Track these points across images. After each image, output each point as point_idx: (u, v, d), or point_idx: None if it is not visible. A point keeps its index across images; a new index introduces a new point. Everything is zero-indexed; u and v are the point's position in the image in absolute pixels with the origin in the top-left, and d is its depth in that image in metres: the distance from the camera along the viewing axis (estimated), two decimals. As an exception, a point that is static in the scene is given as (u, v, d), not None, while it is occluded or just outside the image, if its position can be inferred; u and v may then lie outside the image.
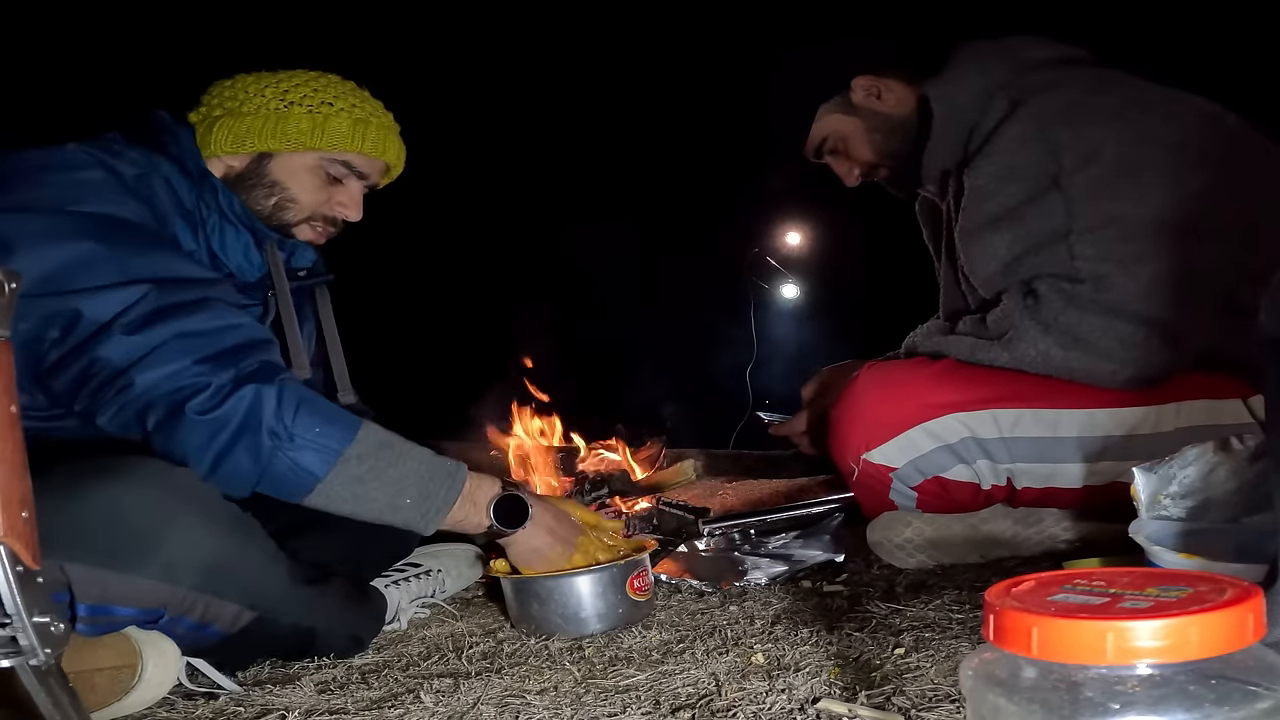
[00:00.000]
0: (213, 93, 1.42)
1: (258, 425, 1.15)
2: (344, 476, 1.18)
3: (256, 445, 1.15)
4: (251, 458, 1.15)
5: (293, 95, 1.38)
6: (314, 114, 1.38)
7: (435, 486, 1.24)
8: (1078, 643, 0.46)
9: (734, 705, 0.94)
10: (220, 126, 1.37)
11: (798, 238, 4.79)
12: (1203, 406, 1.48)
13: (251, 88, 1.39)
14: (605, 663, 1.14)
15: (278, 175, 1.39)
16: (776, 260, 4.61)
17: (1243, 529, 1.05)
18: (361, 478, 1.19)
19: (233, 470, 1.16)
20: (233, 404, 1.15)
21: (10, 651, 0.69)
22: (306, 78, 1.41)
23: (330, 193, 1.42)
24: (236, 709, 1.06)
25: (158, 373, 1.14)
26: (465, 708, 1.00)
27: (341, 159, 1.40)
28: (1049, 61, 1.59)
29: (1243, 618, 0.46)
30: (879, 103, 1.71)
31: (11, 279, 0.71)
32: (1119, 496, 1.16)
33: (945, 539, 1.53)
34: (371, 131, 1.41)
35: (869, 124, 1.72)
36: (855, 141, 1.73)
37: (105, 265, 1.17)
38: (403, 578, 1.48)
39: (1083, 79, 1.56)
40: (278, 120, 1.37)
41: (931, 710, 0.88)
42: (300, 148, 1.38)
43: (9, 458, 0.69)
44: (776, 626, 1.23)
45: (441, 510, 1.24)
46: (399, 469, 1.22)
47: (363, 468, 1.19)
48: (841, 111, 1.73)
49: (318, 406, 1.20)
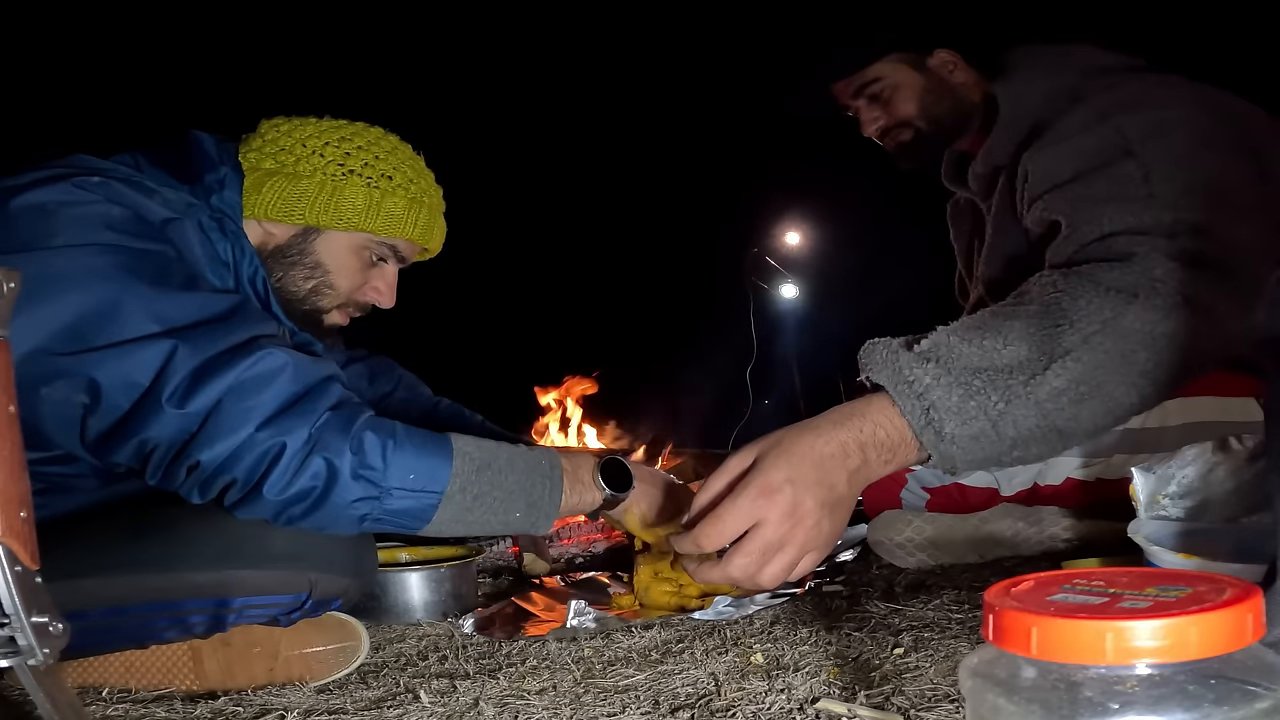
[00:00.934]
0: (266, 137, 1.27)
1: (343, 496, 1.06)
2: (449, 514, 1.12)
3: (346, 513, 1.07)
4: (347, 523, 1.09)
5: (353, 162, 1.26)
6: (372, 189, 1.25)
7: (539, 492, 1.17)
8: (1077, 643, 0.46)
9: (733, 705, 0.94)
10: (270, 188, 1.23)
11: (797, 238, 4.79)
12: (1210, 403, 1.47)
13: (310, 143, 1.26)
14: (604, 663, 1.14)
15: (322, 255, 1.27)
16: (776, 260, 4.61)
17: (1241, 529, 1.05)
18: (469, 507, 1.13)
19: (331, 529, 1.11)
20: (309, 480, 1.05)
21: (9, 651, 0.68)
22: (368, 140, 1.28)
23: (368, 276, 1.31)
24: (235, 709, 1.06)
25: (221, 448, 1.03)
26: (464, 708, 1.00)
27: (390, 243, 1.29)
28: (1113, 68, 1.57)
29: (1242, 618, 0.46)
30: (950, 75, 1.70)
31: (10, 278, 0.71)
32: (1121, 492, 1.16)
33: (945, 538, 1.53)
34: (423, 216, 1.30)
35: (929, 85, 1.70)
36: (905, 94, 1.70)
37: (124, 315, 1.03)
38: None
39: (1145, 80, 1.52)
40: (334, 192, 1.24)
41: (931, 710, 0.88)
42: (352, 227, 1.25)
43: (7, 458, 0.69)
44: (776, 626, 1.23)
45: (551, 512, 1.18)
46: (501, 488, 1.14)
47: (466, 498, 1.12)
48: (910, 65, 1.71)
49: (405, 443, 1.09)
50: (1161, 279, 1.09)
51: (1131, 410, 1.06)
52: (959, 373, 1.01)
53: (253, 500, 1.05)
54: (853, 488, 1.02)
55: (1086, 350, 1.02)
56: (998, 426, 1.00)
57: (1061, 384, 1.01)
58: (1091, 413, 1.03)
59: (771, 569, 0.98)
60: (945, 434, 1.00)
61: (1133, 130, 1.31)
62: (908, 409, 1.01)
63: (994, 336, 1.05)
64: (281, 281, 1.27)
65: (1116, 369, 1.03)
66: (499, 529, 1.17)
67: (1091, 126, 1.37)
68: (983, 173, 1.65)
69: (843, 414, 1.02)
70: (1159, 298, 1.07)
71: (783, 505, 0.96)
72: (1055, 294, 1.09)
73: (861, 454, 1.00)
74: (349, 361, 1.63)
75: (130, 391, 1.02)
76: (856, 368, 1.07)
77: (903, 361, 1.02)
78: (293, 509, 1.06)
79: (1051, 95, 1.50)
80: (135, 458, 1.05)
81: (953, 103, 1.68)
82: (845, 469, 0.99)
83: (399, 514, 1.09)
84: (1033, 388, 1.00)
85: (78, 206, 1.07)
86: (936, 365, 1.01)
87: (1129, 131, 1.31)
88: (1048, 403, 1.01)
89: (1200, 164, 1.25)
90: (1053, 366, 1.01)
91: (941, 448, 1.01)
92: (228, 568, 1.10)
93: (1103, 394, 1.03)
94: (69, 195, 1.08)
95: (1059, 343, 1.03)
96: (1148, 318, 1.06)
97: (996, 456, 1.03)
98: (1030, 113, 1.52)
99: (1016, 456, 1.04)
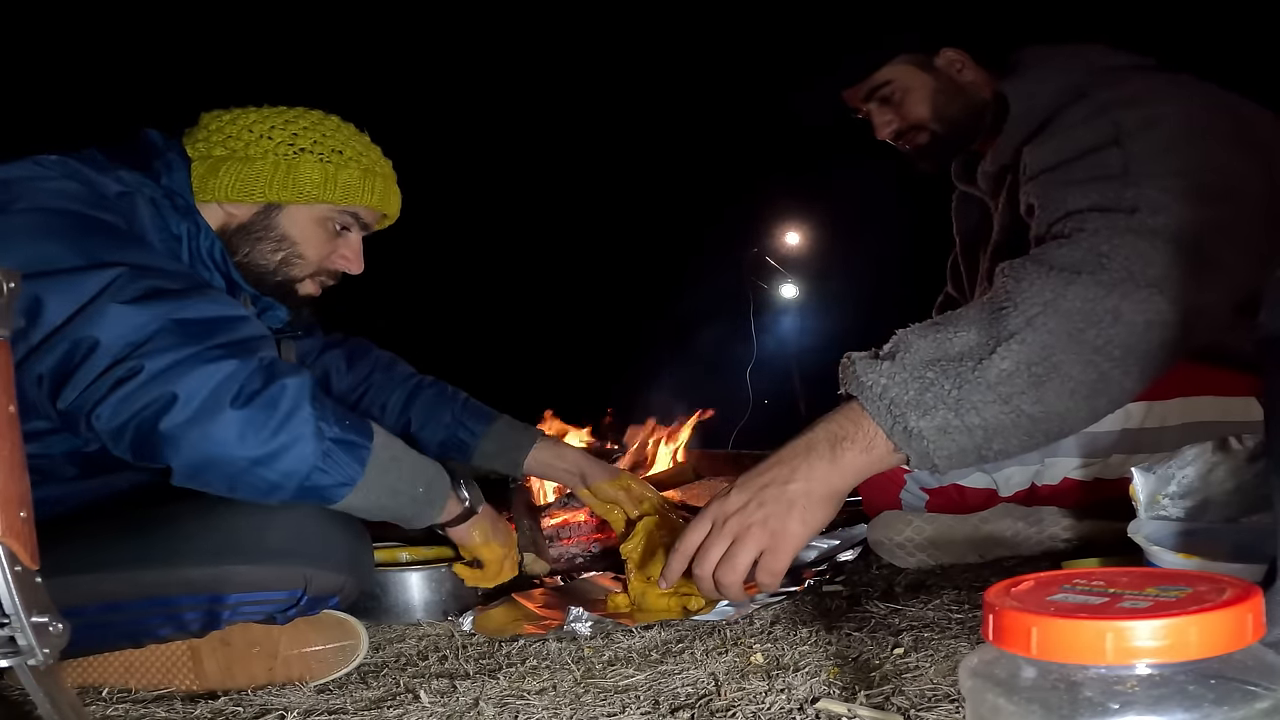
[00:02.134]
0: (210, 127, 1.32)
1: (305, 416, 1.06)
2: (377, 466, 1.14)
3: (309, 436, 1.06)
4: (307, 448, 1.06)
5: (303, 141, 1.30)
6: (325, 163, 1.30)
7: (434, 474, 1.24)
8: (1077, 643, 0.46)
9: (733, 705, 0.94)
10: (226, 171, 1.28)
11: (797, 238, 4.79)
12: (1209, 403, 1.47)
13: (256, 128, 1.30)
14: (604, 663, 1.14)
15: (287, 228, 1.31)
16: (776, 260, 4.61)
17: (1241, 529, 1.05)
18: (386, 467, 1.15)
19: (289, 464, 1.06)
20: (275, 391, 1.05)
21: (9, 651, 0.68)
22: (311, 120, 1.33)
23: (334, 245, 1.36)
24: (235, 709, 1.06)
25: (169, 357, 1.01)
26: (464, 708, 1.00)
27: (350, 211, 1.34)
28: (1122, 67, 1.56)
29: (1242, 618, 0.46)
30: (958, 75, 1.69)
31: (10, 278, 0.71)
32: (1120, 492, 1.16)
33: (945, 538, 1.53)
34: (379, 183, 1.35)
35: (939, 86, 1.68)
36: (916, 97, 1.69)
37: (71, 255, 1.05)
38: None
39: (1153, 78, 1.51)
40: (288, 169, 1.29)
41: (930, 710, 0.88)
42: (312, 200, 1.30)
43: (7, 457, 0.69)
44: (775, 626, 1.23)
45: (444, 496, 1.25)
46: (408, 457, 1.20)
47: (386, 455, 1.16)
48: (918, 67, 1.69)
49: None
50: (1108, 253, 1.09)
51: (1099, 391, 1.06)
52: (913, 367, 1.04)
53: (209, 416, 1.02)
54: (826, 482, 1.06)
55: (1030, 331, 1.04)
56: (961, 416, 1.02)
57: (1009, 366, 1.03)
58: (1056, 394, 1.04)
59: (732, 565, 1.06)
60: (912, 429, 1.02)
61: (1127, 123, 1.31)
62: (874, 411, 1.04)
63: (946, 328, 1.07)
64: (249, 256, 1.31)
65: (1068, 348, 1.04)
66: (406, 506, 1.20)
67: (1090, 119, 1.38)
68: (991, 171, 1.64)
69: (814, 422, 1.09)
70: (1104, 273, 1.08)
71: (731, 503, 1.07)
72: (1003, 279, 1.12)
73: (831, 449, 1.06)
74: (326, 346, 1.65)
75: (73, 305, 1.02)
76: (841, 374, 1.11)
77: (859, 369, 1.06)
78: (266, 428, 1.04)
79: (1059, 92, 1.48)
80: (58, 370, 1.02)
81: (964, 102, 1.67)
82: (809, 463, 1.06)
83: (343, 461, 1.10)
84: (981, 372, 1.02)
85: (36, 181, 1.12)
86: (892, 364, 1.05)
87: (1124, 124, 1.31)
88: (1001, 386, 1.02)
89: (1187, 153, 1.24)
90: (998, 350, 1.03)
91: (913, 444, 1.03)
92: (222, 563, 1.10)
93: (1060, 374, 1.04)
94: (28, 171, 1.13)
95: (1004, 325, 1.05)
96: (1089, 294, 1.06)
97: (975, 449, 1.04)
98: (1038, 111, 1.51)
99: (997, 449, 1.05)
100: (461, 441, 1.58)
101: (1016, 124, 1.54)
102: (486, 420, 1.59)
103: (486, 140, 4.64)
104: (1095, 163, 1.28)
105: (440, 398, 1.61)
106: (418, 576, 1.48)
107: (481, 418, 1.59)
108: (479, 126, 4.67)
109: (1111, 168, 1.25)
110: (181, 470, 1.06)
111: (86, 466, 1.21)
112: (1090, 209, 1.19)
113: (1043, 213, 1.27)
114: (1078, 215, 1.20)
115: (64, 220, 1.10)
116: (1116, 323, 1.06)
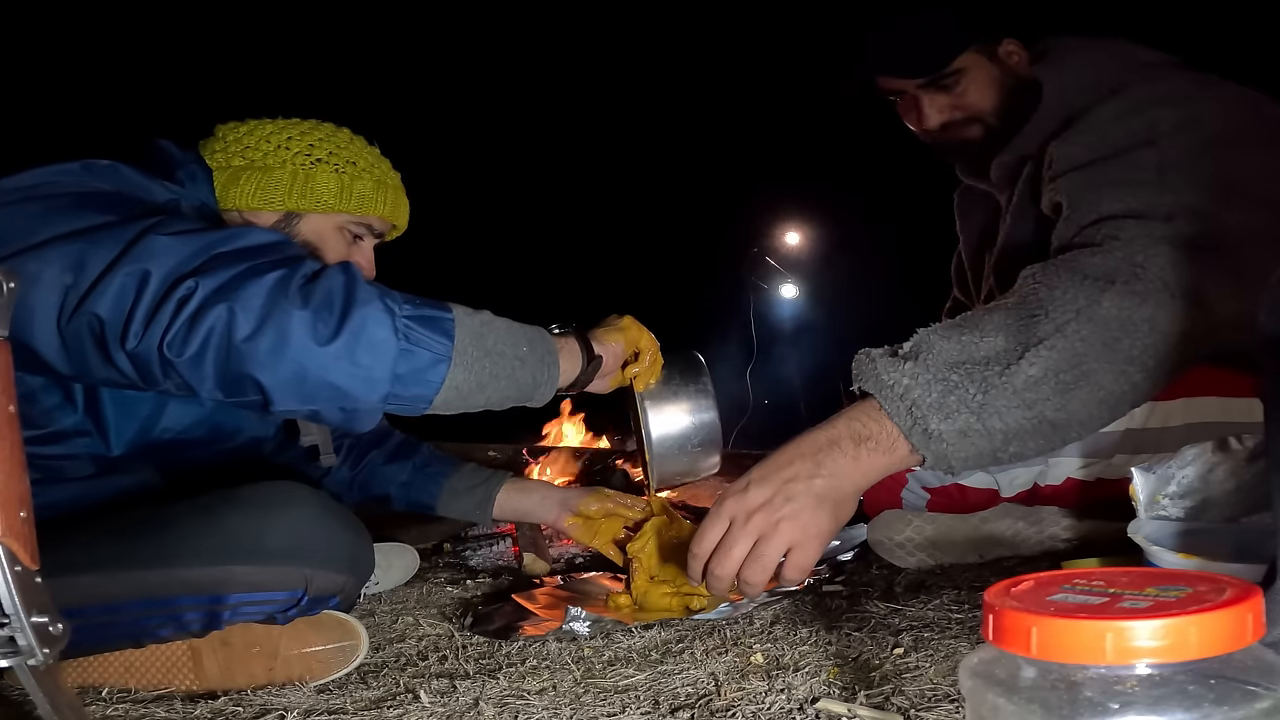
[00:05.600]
0: (228, 139, 1.34)
1: (368, 295, 1.00)
2: (467, 332, 1.04)
3: (379, 314, 0.99)
4: (383, 328, 0.99)
5: (319, 151, 1.33)
6: (340, 174, 1.33)
7: (533, 332, 1.13)
8: (1077, 643, 0.46)
9: (733, 705, 0.94)
10: (246, 180, 1.30)
11: (797, 238, 4.79)
12: (1212, 404, 1.47)
13: (273, 139, 1.33)
14: (604, 663, 1.14)
15: (308, 236, 1.33)
16: (776, 260, 4.61)
17: (1241, 529, 1.05)
18: (479, 333, 1.05)
19: (371, 349, 0.99)
20: (329, 279, 1.00)
21: (9, 651, 0.68)
22: (325, 132, 1.36)
23: (349, 253, 1.38)
24: (235, 709, 1.06)
25: (221, 276, 0.97)
26: (464, 708, 1.00)
27: (364, 221, 1.37)
28: (1156, 63, 1.54)
29: (1242, 618, 0.46)
30: (1015, 66, 1.64)
31: (10, 278, 0.71)
32: (1122, 492, 1.16)
33: (945, 538, 1.53)
34: (390, 195, 1.39)
35: (1002, 78, 1.62)
36: (983, 87, 1.61)
37: (112, 215, 1.05)
38: None
39: (1185, 77, 1.49)
40: (306, 179, 1.32)
41: (930, 710, 0.88)
42: (329, 209, 1.33)
43: (8, 457, 0.69)
44: (775, 626, 1.23)
45: (553, 349, 1.14)
46: (498, 320, 1.10)
47: (473, 321, 1.06)
48: (987, 57, 1.63)
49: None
50: (1143, 263, 1.09)
51: (1125, 399, 1.05)
52: (937, 369, 1.02)
53: (280, 317, 0.97)
54: (849, 479, 1.04)
55: (1061, 338, 1.03)
56: (983, 420, 1.01)
57: (1037, 372, 1.01)
58: (1082, 403, 1.03)
59: (760, 562, 1.02)
60: (932, 431, 1.01)
61: (1164, 123, 1.29)
62: (893, 411, 1.02)
63: (972, 331, 1.05)
64: None
65: (1100, 356, 1.03)
66: (516, 369, 1.09)
67: (1124, 117, 1.35)
68: (1009, 160, 1.61)
69: (831, 417, 1.06)
70: (1139, 282, 1.06)
71: (753, 499, 1.03)
72: (1034, 285, 1.10)
73: (854, 447, 1.03)
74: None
75: (116, 245, 0.99)
76: (856, 370, 1.08)
77: (881, 367, 1.04)
78: (333, 314, 0.98)
79: (1091, 87, 1.46)
80: (115, 307, 0.97)
81: (1018, 94, 1.59)
82: (833, 459, 1.03)
83: (428, 335, 1.01)
84: (1008, 377, 1.01)
85: (84, 177, 1.14)
86: (915, 364, 1.03)
87: (1160, 125, 1.29)
88: (1027, 392, 1.01)
89: (1223, 156, 1.22)
90: (1027, 355, 1.02)
91: (931, 446, 1.01)
92: (223, 563, 1.11)
93: (1090, 383, 1.03)
94: (80, 174, 1.14)
95: (1034, 332, 1.04)
96: (1125, 303, 1.05)
97: (991, 452, 1.03)
98: (1069, 103, 1.48)
99: (1013, 452, 1.04)
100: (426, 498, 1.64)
101: (1045, 114, 1.50)
102: (445, 476, 1.64)
103: (486, 140, 4.64)
104: (1129, 163, 1.26)
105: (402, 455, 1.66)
106: None
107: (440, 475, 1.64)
108: (479, 126, 4.67)
109: (1146, 169, 1.23)
110: (277, 388, 0.99)
111: (104, 466, 1.22)
112: (1125, 215, 1.17)
113: (1073, 213, 1.25)
114: (1111, 221, 1.17)
115: (105, 198, 1.11)
116: (1152, 333, 1.05)
